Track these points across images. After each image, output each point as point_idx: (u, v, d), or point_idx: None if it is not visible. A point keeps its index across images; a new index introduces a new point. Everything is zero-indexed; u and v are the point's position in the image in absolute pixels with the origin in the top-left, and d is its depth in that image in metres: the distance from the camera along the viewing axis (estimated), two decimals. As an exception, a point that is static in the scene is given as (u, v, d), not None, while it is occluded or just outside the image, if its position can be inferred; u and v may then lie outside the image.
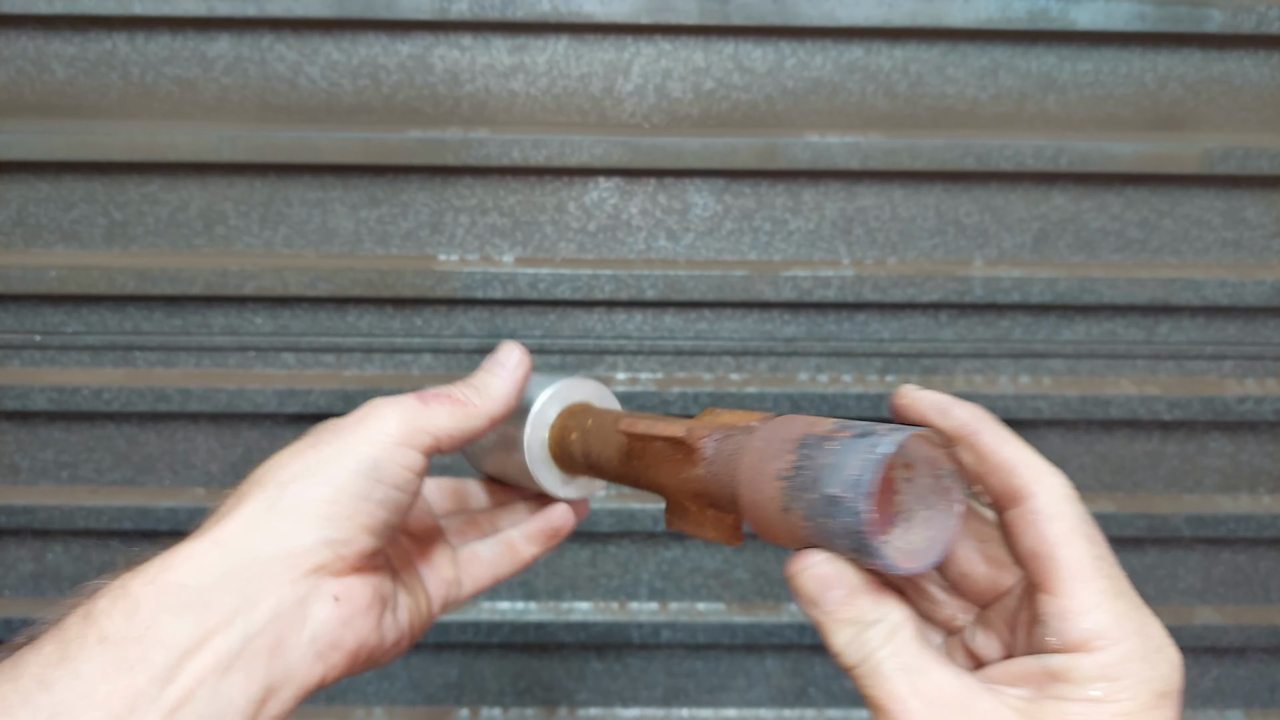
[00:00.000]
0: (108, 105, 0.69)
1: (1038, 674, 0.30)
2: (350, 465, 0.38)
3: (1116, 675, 0.29)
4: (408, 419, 0.40)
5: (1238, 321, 0.74)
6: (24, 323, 0.72)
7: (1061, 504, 0.31)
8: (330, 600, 0.37)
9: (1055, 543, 0.30)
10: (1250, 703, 0.83)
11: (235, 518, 0.36)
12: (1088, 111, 0.71)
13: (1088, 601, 0.30)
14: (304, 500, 0.37)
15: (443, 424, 0.40)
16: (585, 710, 0.81)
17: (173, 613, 0.33)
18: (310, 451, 0.39)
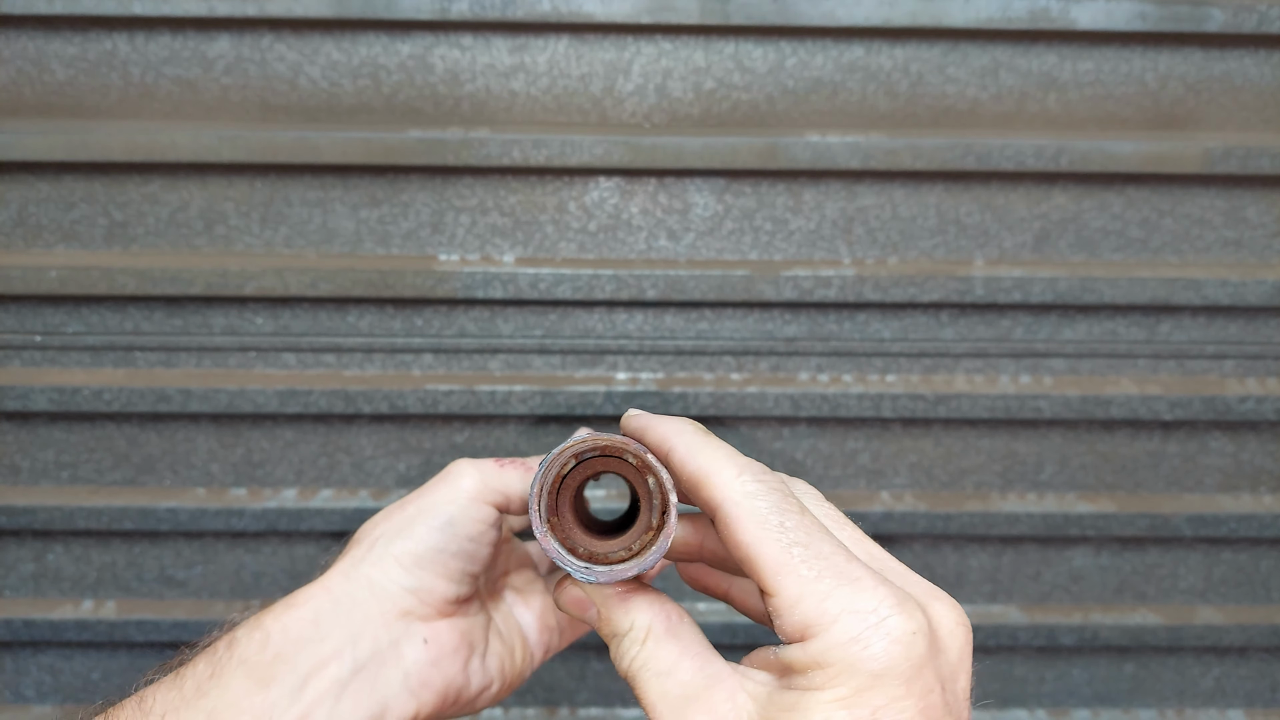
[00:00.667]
0: (108, 105, 0.69)
1: (776, 664, 0.31)
2: (429, 521, 0.43)
3: (827, 661, 0.29)
4: (483, 478, 0.45)
5: (1239, 321, 0.74)
6: (24, 323, 0.72)
7: (745, 504, 0.31)
8: (420, 642, 0.43)
9: (750, 544, 0.31)
10: (1252, 702, 0.83)
11: (339, 567, 0.43)
12: (1088, 111, 0.71)
13: (792, 592, 0.30)
14: (390, 552, 0.43)
15: (514, 487, 0.45)
16: (586, 710, 0.81)
17: (295, 644, 0.40)
18: (399, 511, 0.45)
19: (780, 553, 0.30)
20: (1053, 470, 0.77)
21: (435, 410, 0.72)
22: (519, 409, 0.73)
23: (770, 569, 0.30)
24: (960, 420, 0.75)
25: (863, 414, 0.74)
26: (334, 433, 0.75)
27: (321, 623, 0.41)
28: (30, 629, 0.76)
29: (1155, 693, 0.83)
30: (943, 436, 0.76)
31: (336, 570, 0.43)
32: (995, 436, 0.76)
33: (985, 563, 0.79)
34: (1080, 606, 0.79)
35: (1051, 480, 0.77)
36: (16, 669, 0.79)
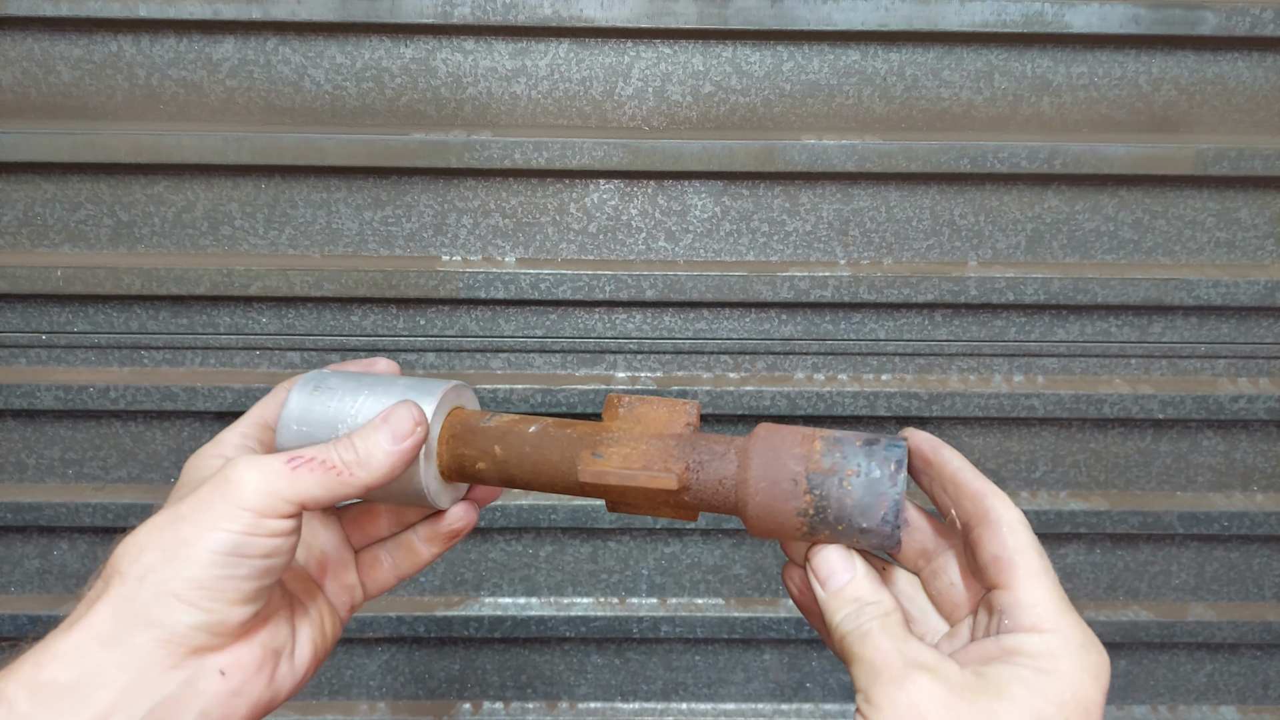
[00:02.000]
0: (114, 107, 0.70)
1: (995, 650, 0.36)
2: (209, 546, 0.36)
3: (1059, 652, 0.35)
4: (269, 488, 0.37)
5: (1230, 321, 0.75)
6: (30, 322, 0.73)
7: (1020, 524, 0.38)
8: (216, 675, 0.37)
9: (1015, 550, 0.37)
10: (1244, 698, 0.84)
11: (101, 608, 0.36)
12: (1082, 113, 0.72)
13: (1039, 595, 0.36)
14: (166, 589, 0.35)
15: (311, 492, 0.38)
16: (585, 704, 0.82)
17: (51, 714, 0.34)
18: (167, 533, 0.36)
19: (1039, 566, 0.37)
20: (1045, 468, 0.78)
21: (437, 409, 0.73)
22: (520, 407, 0.73)
23: (1025, 573, 0.36)
24: (954, 419, 0.76)
25: (858, 412, 0.75)
26: (337, 431, 0.76)
27: (82, 681, 0.35)
28: (35, 625, 0.76)
29: (1148, 689, 0.83)
30: (937, 434, 0.77)
31: (99, 611, 0.36)
32: (988, 435, 0.77)
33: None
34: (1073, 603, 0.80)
35: (1044, 478, 0.78)
36: (22, 664, 0.80)
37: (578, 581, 0.79)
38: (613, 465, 0.40)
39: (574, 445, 0.41)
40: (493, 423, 0.43)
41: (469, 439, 0.43)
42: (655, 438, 0.41)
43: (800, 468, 0.38)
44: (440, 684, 0.82)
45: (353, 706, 0.82)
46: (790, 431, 0.39)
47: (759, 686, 0.83)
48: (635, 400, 0.42)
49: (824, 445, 0.38)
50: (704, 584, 0.80)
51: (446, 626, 0.78)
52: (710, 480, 0.40)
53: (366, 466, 0.39)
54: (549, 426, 0.42)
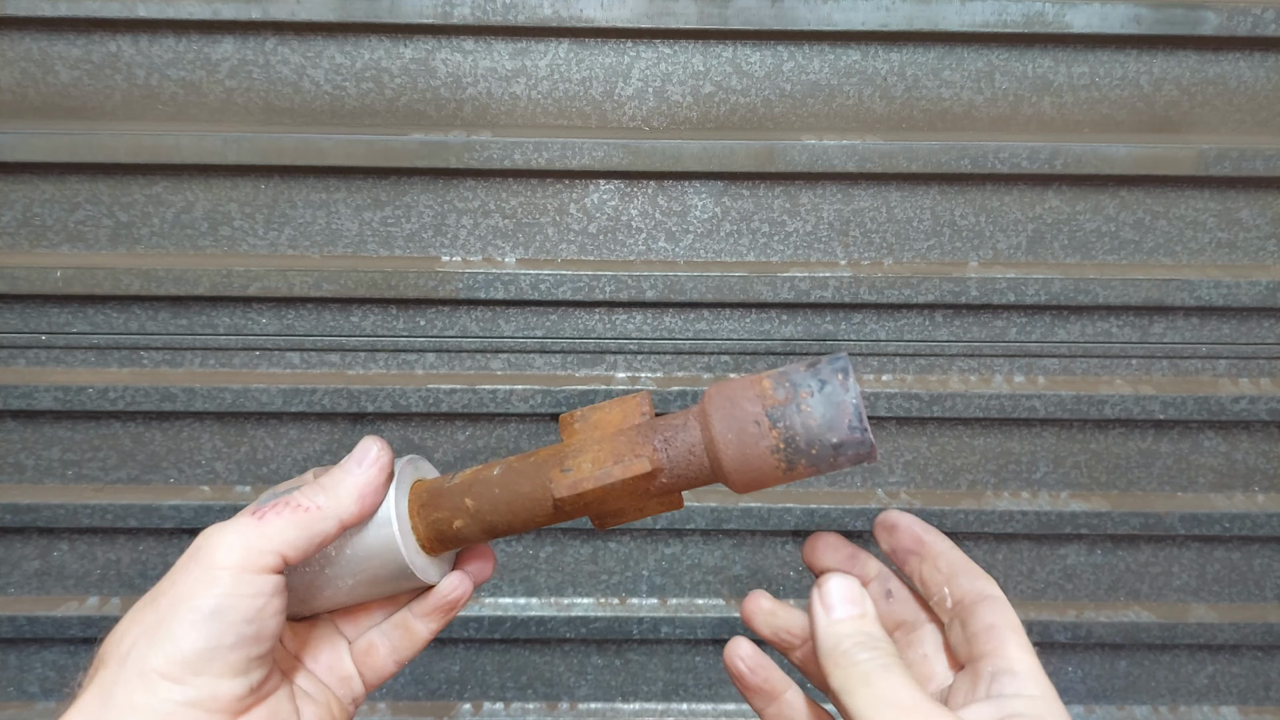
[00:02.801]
0: (112, 107, 0.70)
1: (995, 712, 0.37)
2: (188, 619, 0.35)
3: (1045, 715, 0.37)
4: (243, 543, 0.36)
5: (1232, 321, 0.75)
6: (29, 323, 0.73)
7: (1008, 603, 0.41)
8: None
9: (1009, 625, 0.40)
10: (1245, 699, 0.84)
11: (86, 701, 0.34)
12: (1083, 114, 0.72)
13: (1031, 664, 0.38)
14: (150, 666, 0.34)
15: (285, 536, 0.37)
16: (586, 705, 0.82)
17: None
18: (148, 612, 0.35)
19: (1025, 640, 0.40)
20: (1046, 469, 0.78)
21: (438, 409, 0.73)
22: (520, 408, 0.73)
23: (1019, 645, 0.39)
24: (955, 419, 0.76)
25: (859, 413, 0.74)
26: (338, 431, 0.75)
27: None
28: (34, 626, 0.76)
29: (1149, 690, 0.83)
30: (937, 435, 0.77)
31: (87, 702, 0.34)
32: (989, 435, 0.77)
33: (979, 560, 0.79)
34: (1074, 604, 0.80)
35: (1045, 479, 0.78)
36: (21, 666, 0.80)
37: (578, 582, 0.79)
38: (582, 478, 0.39)
39: (541, 470, 0.41)
40: (456, 480, 0.43)
41: (438, 502, 0.42)
42: (615, 435, 0.41)
43: (758, 408, 0.38)
44: (440, 684, 0.82)
45: (352, 707, 0.81)
46: (738, 381, 0.40)
47: (759, 687, 0.82)
48: (587, 411, 0.43)
49: (772, 381, 0.39)
50: (704, 585, 0.80)
51: (446, 628, 0.78)
52: (681, 453, 0.40)
53: (334, 494, 0.38)
54: (511, 463, 0.42)
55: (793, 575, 0.80)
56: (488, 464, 0.44)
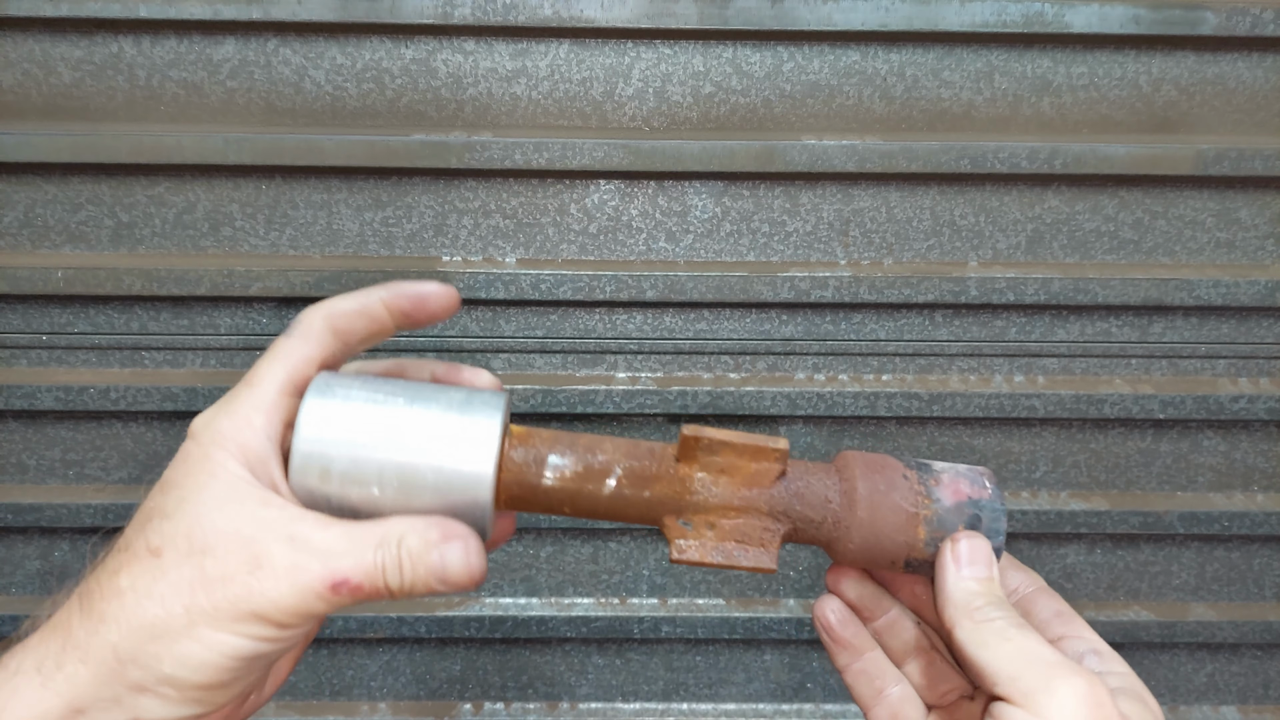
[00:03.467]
0: (114, 108, 0.70)
1: None
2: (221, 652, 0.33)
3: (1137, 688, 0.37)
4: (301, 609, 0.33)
5: (1231, 321, 0.75)
6: (31, 323, 0.73)
7: None
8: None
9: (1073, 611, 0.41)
10: (1245, 699, 0.84)
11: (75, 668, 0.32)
12: (1082, 114, 0.72)
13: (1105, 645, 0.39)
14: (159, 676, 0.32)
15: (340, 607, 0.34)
16: (586, 704, 0.82)
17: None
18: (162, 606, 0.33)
19: None
20: (1046, 468, 0.78)
21: (437, 409, 0.73)
22: (520, 408, 0.73)
23: None
24: (954, 419, 0.76)
25: (858, 413, 0.75)
26: (337, 431, 0.76)
27: None
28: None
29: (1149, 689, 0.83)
30: (937, 435, 0.77)
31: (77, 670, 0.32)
32: (989, 435, 0.77)
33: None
34: (1074, 603, 0.79)
35: (1045, 478, 0.78)
36: (23, 665, 0.80)
37: (578, 582, 0.79)
38: (706, 551, 0.38)
39: (655, 509, 0.38)
40: (554, 483, 0.38)
41: (532, 500, 0.38)
42: (745, 497, 0.38)
43: (902, 555, 0.39)
44: (441, 684, 0.82)
45: (353, 707, 0.82)
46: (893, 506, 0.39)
47: (760, 687, 0.83)
48: (716, 443, 0.38)
49: (927, 534, 0.39)
50: (705, 584, 0.80)
51: (447, 627, 0.78)
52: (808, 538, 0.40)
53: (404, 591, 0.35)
54: (622, 483, 0.38)
55: (793, 575, 0.80)
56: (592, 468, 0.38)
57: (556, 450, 0.38)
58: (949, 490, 0.39)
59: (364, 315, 0.39)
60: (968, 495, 0.39)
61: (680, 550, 0.38)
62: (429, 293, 0.39)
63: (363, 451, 0.35)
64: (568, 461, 0.38)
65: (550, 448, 0.38)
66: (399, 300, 0.39)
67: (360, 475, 0.35)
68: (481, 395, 0.38)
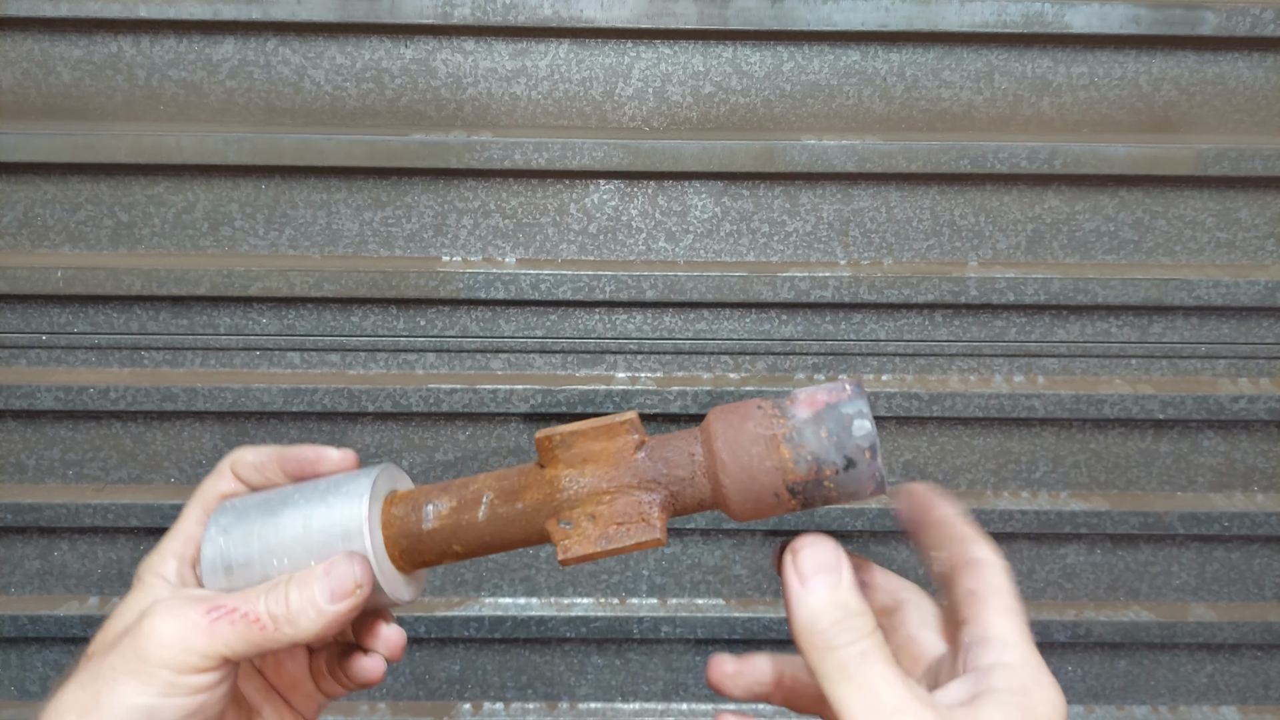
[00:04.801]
0: (114, 107, 0.70)
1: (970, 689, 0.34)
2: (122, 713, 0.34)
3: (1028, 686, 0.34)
4: (184, 643, 0.35)
5: (1231, 321, 0.75)
6: (30, 323, 0.73)
7: (999, 567, 0.37)
8: None
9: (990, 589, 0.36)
10: (1244, 699, 0.84)
11: None
12: (1082, 114, 0.72)
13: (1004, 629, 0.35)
14: None
15: (229, 645, 0.35)
16: (586, 704, 0.82)
17: None
18: (88, 692, 0.35)
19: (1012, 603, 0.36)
20: (1046, 468, 0.78)
21: (438, 409, 0.73)
22: (520, 407, 0.73)
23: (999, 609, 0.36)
24: (954, 419, 0.76)
25: (859, 413, 0.74)
26: (338, 431, 0.76)
27: None
28: (36, 625, 0.76)
29: (1149, 689, 0.84)
30: (937, 435, 0.77)
31: None
32: (989, 435, 0.77)
33: (980, 560, 0.80)
34: (1074, 603, 0.80)
35: (1045, 478, 0.78)
36: (22, 665, 0.80)
37: (578, 582, 0.79)
38: (591, 542, 0.38)
39: (534, 519, 0.39)
40: (435, 524, 0.40)
41: (421, 548, 0.40)
42: (612, 477, 0.38)
43: (778, 480, 0.36)
44: (441, 684, 0.82)
45: (353, 707, 0.82)
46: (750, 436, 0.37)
47: (759, 687, 0.83)
48: (569, 435, 0.39)
49: (792, 452, 0.36)
50: (704, 584, 0.80)
51: (447, 627, 0.78)
52: (689, 505, 0.38)
53: (295, 624, 0.36)
54: (495, 504, 0.40)
55: (793, 575, 0.80)
56: (465, 499, 0.40)
57: (433, 497, 0.41)
58: (804, 405, 0.37)
59: (260, 469, 0.43)
60: (824, 402, 0.37)
61: (565, 550, 0.38)
62: (321, 458, 0.42)
63: (256, 541, 0.39)
64: (443, 501, 0.40)
65: (428, 496, 0.41)
66: (288, 463, 0.43)
67: (258, 560, 0.39)
68: (360, 470, 0.42)
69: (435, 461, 0.77)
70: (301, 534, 0.39)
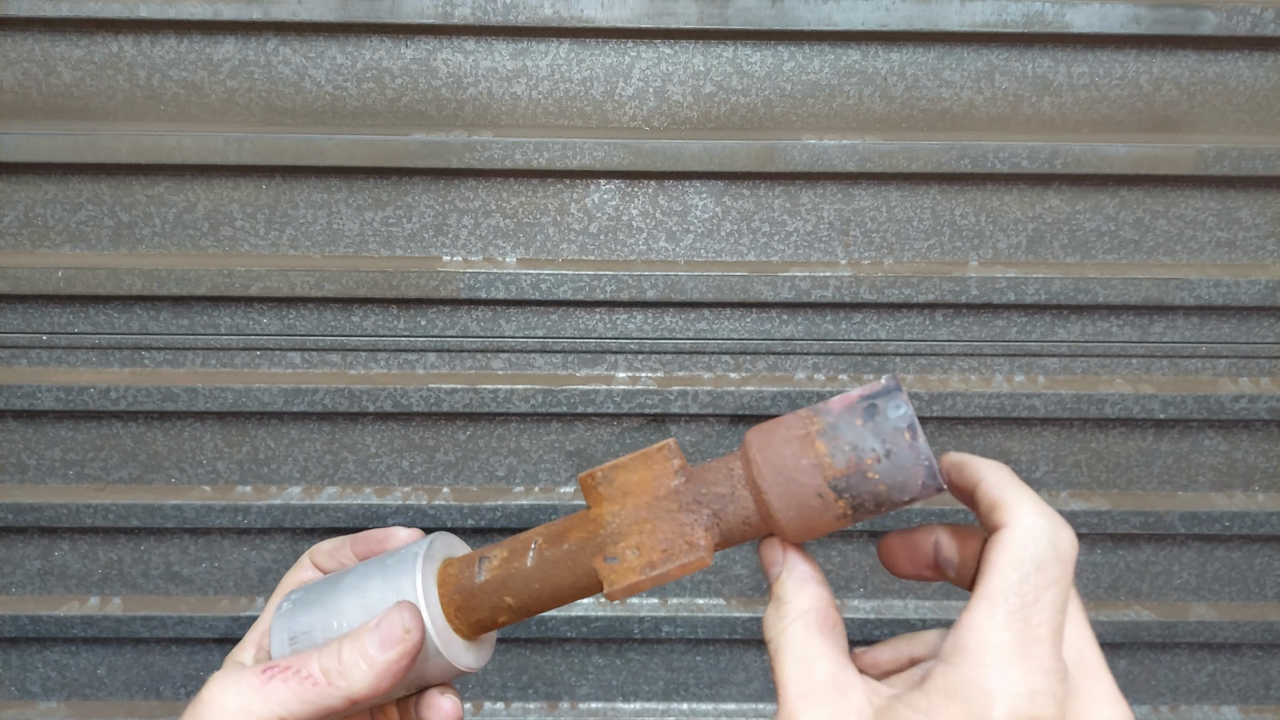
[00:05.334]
0: (114, 107, 0.70)
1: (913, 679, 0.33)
2: None
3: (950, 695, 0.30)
4: (243, 707, 0.36)
5: (1232, 321, 0.75)
6: (31, 323, 0.73)
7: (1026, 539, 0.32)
8: None
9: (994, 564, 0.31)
10: (1245, 698, 0.84)
11: None
12: (1083, 113, 0.72)
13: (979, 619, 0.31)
14: None
15: (285, 704, 0.36)
16: (587, 704, 0.82)
17: None
18: None
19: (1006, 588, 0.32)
20: (1047, 468, 0.78)
21: (439, 409, 0.73)
22: (521, 407, 0.73)
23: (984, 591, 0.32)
24: (955, 419, 0.76)
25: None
26: (339, 431, 0.76)
27: None
28: (36, 625, 0.76)
29: (1150, 689, 0.83)
30: (938, 435, 0.77)
31: None
32: (989, 435, 0.77)
33: (981, 560, 0.80)
34: (1075, 603, 0.80)
35: (1045, 478, 0.78)
36: (23, 665, 0.80)
37: (579, 582, 0.79)
38: (636, 572, 0.37)
39: (580, 558, 0.39)
40: (486, 575, 0.40)
41: (475, 604, 0.40)
42: (653, 506, 0.38)
43: (819, 480, 0.35)
44: (441, 684, 0.82)
45: (354, 707, 0.82)
46: (784, 438, 0.36)
47: (760, 686, 0.83)
48: (609, 471, 0.39)
49: (828, 446, 0.35)
50: (705, 584, 0.80)
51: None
52: (735, 526, 0.37)
53: (347, 676, 0.36)
54: (542, 548, 0.39)
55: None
56: (515, 548, 0.40)
57: (487, 553, 0.41)
58: (838, 402, 0.36)
59: (334, 555, 0.45)
60: (858, 395, 0.35)
61: (611, 585, 0.37)
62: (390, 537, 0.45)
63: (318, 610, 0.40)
64: (494, 555, 0.41)
65: (482, 553, 0.41)
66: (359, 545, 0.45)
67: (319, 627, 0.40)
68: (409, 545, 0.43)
69: (435, 461, 0.77)
70: (358, 598, 0.40)
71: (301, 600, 0.41)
